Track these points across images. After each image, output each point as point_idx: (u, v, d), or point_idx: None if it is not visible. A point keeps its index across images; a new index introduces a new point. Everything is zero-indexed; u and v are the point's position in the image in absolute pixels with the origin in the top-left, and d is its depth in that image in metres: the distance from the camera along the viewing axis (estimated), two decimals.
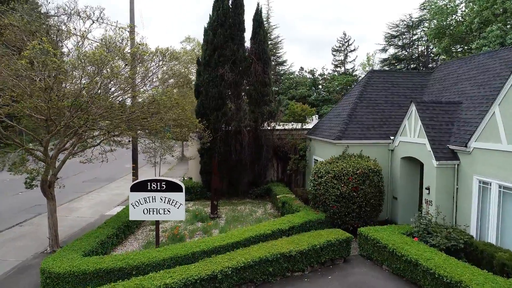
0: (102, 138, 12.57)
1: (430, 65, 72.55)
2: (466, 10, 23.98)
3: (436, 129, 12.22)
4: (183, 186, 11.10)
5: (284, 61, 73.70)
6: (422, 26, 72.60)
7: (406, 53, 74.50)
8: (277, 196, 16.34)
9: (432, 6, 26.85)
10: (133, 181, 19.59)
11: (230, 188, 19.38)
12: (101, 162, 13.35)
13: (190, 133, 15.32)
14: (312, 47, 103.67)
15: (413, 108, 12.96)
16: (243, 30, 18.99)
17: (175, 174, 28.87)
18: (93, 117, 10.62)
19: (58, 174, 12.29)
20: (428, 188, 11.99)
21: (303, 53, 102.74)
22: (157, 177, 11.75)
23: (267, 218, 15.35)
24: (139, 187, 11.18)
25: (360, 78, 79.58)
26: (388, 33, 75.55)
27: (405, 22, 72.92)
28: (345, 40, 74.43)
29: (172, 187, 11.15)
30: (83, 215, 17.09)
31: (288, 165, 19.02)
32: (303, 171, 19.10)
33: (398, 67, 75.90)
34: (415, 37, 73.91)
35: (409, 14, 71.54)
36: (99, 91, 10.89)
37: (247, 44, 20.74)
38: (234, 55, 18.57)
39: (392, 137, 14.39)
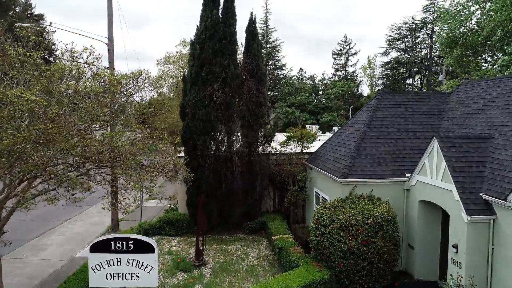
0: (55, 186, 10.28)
1: (433, 69, 70.49)
2: (482, 18, 21.78)
3: (465, 172, 10.03)
4: (155, 246, 8.97)
5: (283, 65, 71.48)
6: (425, 29, 70.69)
7: (409, 56, 72.41)
8: (273, 238, 14.14)
9: (443, 12, 24.63)
10: (112, 212, 17.50)
11: (221, 221, 17.17)
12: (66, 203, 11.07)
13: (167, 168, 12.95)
14: (311, 47, 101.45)
15: (435, 144, 10.77)
16: (235, 43, 16.80)
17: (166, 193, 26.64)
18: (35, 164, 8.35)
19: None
20: (455, 246, 9.81)
21: (302, 53, 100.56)
22: (123, 235, 9.55)
23: (261, 266, 13.15)
24: (101, 247, 9.03)
25: (360, 81, 77.60)
26: (390, 35, 73.35)
27: (408, 25, 70.84)
28: (346, 44, 72.18)
29: (142, 247, 9.03)
30: (51, 256, 14.89)
31: (286, 194, 16.83)
32: (303, 204, 16.91)
33: (400, 71, 73.85)
34: (418, 40, 71.97)
35: (412, 17, 69.46)
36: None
37: (240, 55, 18.64)
38: (225, 72, 16.36)
39: (407, 174, 12.20)
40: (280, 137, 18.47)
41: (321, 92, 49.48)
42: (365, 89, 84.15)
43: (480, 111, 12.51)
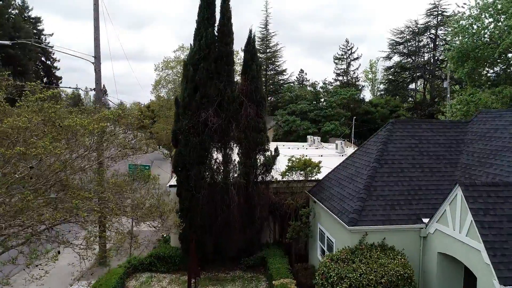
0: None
1: (437, 73, 69.08)
2: (496, 32, 20.40)
3: (495, 229, 8.67)
4: None
5: (284, 70, 70.14)
6: (428, 33, 69.28)
7: (412, 60, 71.01)
8: (274, 282, 12.78)
9: (454, 24, 23.26)
10: (99, 245, 16.08)
11: (217, 256, 15.82)
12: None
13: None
14: (312, 46, 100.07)
15: (458, 192, 9.41)
16: (232, 63, 15.45)
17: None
18: None
19: None
20: None
21: (303, 53, 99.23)
22: None
23: None
24: None
25: (362, 86, 76.00)
26: (393, 39, 71.99)
27: (411, 29, 69.46)
28: (348, 48, 70.70)
29: None
30: None
31: (287, 225, 15.46)
32: (306, 240, 15.54)
33: (403, 75, 72.44)
34: (420, 44, 70.56)
35: (415, 21, 68.00)
36: None
37: (237, 74, 17.31)
38: (221, 95, 15.02)
39: (425, 220, 10.85)
40: (280, 157, 16.81)
41: (322, 99, 48.04)
42: (367, 94, 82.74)
43: (506, 149, 11.15)
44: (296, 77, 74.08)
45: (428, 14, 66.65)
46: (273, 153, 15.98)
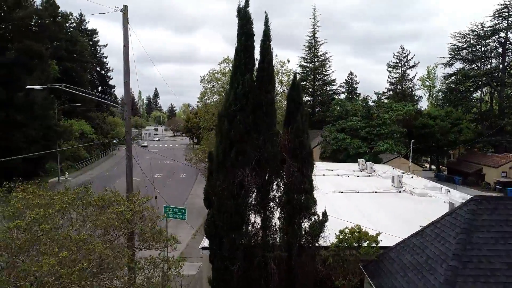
0: None
1: (507, 81, 61.92)
2: None
3: None
4: None
5: (333, 80, 66.72)
6: (496, 36, 62.30)
7: (477, 67, 64.33)
8: None
9: None
10: None
11: None
12: None
13: None
14: (361, 45, 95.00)
15: None
16: (273, 114, 13.27)
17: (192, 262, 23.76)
18: None
19: None
20: None
21: (351, 52, 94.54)
22: None
23: None
24: None
25: (419, 96, 70.08)
26: (454, 44, 65.74)
27: (476, 32, 62.92)
28: (403, 55, 65.55)
29: None
30: None
31: None
32: None
33: (466, 84, 65.84)
34: (487, 48, 63.71)
35: (481, 23, 61.46)
36: None
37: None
38: (259, 152, 12.91)
39: None
40: (326, 185, 14.26)
41: (375, 114, 44.36)
42: (424, 104, 76.51)
43: None
44: (345, 80, 70.20)
45: (497, 15, 59.96)
46: (320, 218, 13.55)
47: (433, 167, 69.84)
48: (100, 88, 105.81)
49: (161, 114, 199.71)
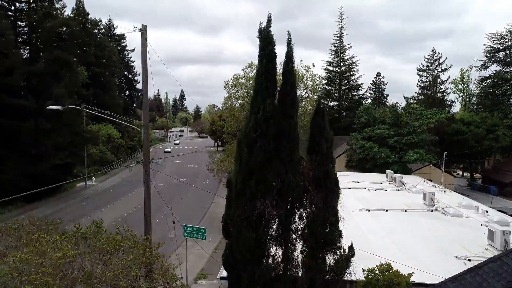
0: None
1: None
2: None
3: None
4: None
5: (360, 85, 64.75)
6: None
7: None
8: None
9: None
10: None
11: None
12: None
13: None
14: (388, 44, 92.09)
15: None
16: (296, 140, 12.42)
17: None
18: None
19: None
20: None
21: (378, 51, 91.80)
22: None
23: None
24: None
25: (452, 101, 66.71)
26: (490, 46, 62.37)
27: None
28: (435, 59, 62.75)
29: None
30: None
31: None
32: None
33: (503, 87, 62.30)
34: None
35: None
36: None
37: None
38: (281, 181, 12.12)
39: None
40: (352, 201, 13.32)
41: (404, 122, 42.51)
42: (456, 108, 73.05)
43: None
44: (372, 81, 67.95)
45: None
46: (346, 252, 12.61)
47: (465, 174, 66.59)
48: (127, 91, 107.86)
49: (186, 115, 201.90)
